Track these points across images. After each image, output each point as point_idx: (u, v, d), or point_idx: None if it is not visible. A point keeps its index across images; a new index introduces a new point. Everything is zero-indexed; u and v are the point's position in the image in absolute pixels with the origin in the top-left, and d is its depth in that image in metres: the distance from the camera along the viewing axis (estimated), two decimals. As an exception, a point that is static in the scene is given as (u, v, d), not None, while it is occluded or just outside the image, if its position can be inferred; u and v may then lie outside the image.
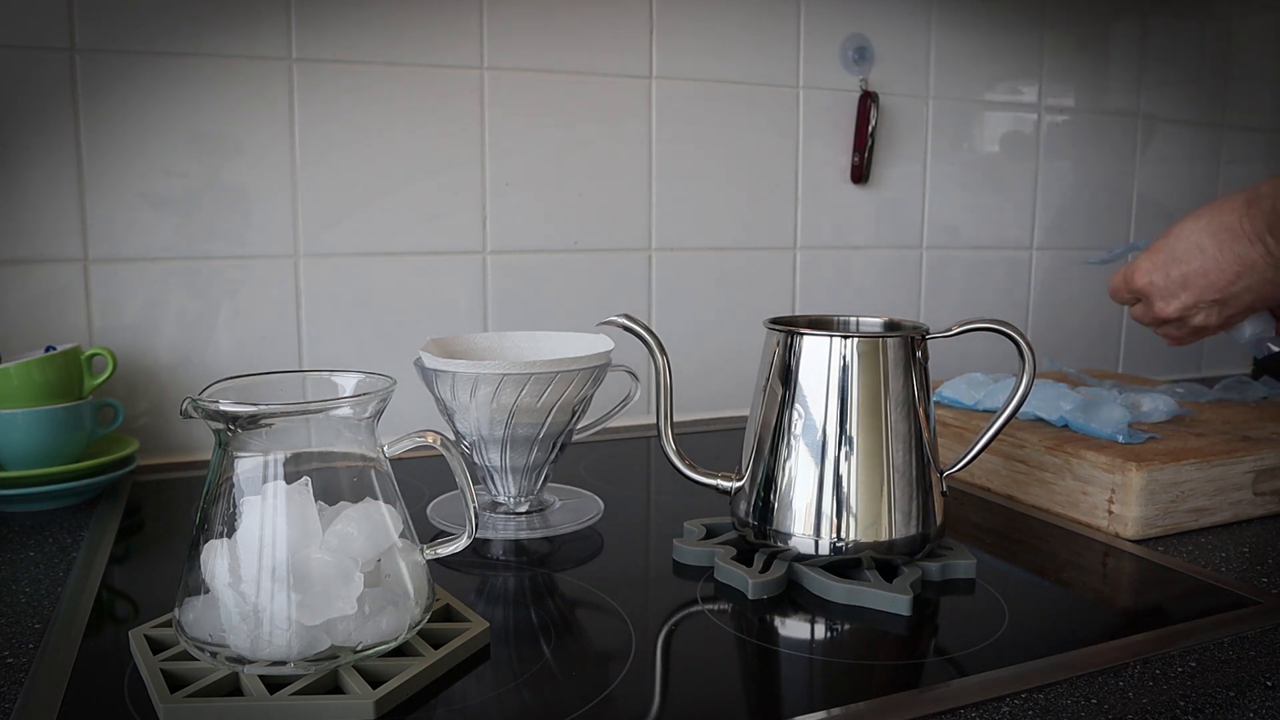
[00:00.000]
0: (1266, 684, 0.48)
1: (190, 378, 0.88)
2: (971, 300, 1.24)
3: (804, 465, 0.59)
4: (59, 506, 0.74)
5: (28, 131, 0.81)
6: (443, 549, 0.53)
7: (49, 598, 0.57)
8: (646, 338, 0.63)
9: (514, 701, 0.45)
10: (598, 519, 0.71)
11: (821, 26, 1.10)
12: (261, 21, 0.87)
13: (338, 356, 0.93)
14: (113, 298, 0.86)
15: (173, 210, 0.87)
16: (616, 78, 1.01)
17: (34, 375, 0.74)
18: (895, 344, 0.59)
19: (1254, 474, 0.72)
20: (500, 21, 0.95)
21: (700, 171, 1.06)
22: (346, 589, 0.45)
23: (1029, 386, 0.61)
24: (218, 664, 0.45)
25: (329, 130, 0.91)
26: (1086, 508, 0.72)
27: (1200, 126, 1.39)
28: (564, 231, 1.01)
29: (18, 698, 0.45)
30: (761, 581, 0.57)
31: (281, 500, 0.45)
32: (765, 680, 0.49)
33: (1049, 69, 1.25)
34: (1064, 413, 0.78)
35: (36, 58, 0.81)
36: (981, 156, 1.23)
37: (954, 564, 0.61)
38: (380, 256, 0.94)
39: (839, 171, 1.14)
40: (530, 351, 0.74)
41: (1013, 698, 0.45)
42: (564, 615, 0.56)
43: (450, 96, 0.94)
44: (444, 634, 0.49)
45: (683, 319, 1.08)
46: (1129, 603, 0.61)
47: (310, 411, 0.47)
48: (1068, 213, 1.30)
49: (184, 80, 0.85)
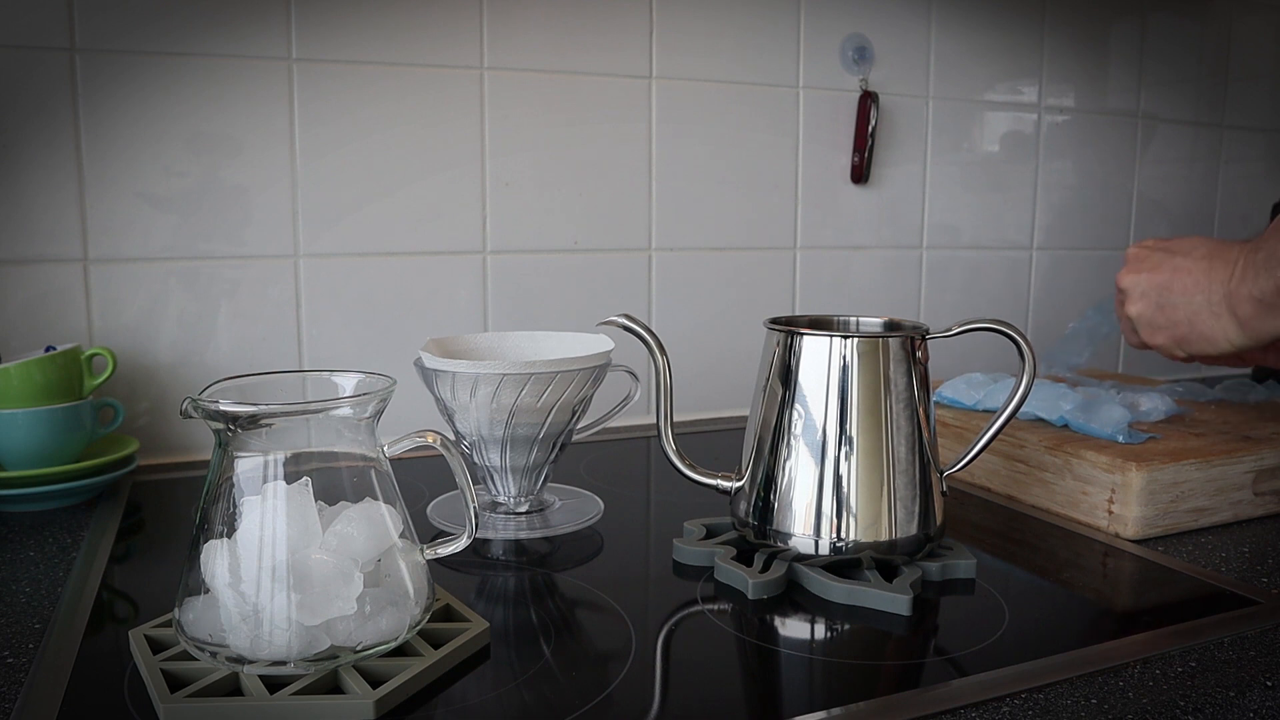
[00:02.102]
0: (1266, 684, 0.48)
1: (190, 378, 0.88)
2: (971, 300, 1.24)
3: (804, 465, 0.59)
4: (59, 506, 0.74)
5: (28, 131, 0.81)
6: (443, 549, 0.53)
7: (49, 598, 0.57)
8: (646, 338, 0.63)
9: (514, 701, 0.45)
10: (598, 519, 0.71)
11: (821, 26, 1.10)
12: (261, 21, 0.87)
13: (338, 356, 0.93)
14: (113, 298, 0.86)
15: (172, 210, 0.87)
16: (616, 78, 1.01)
17: (34, 375, 0.74)
18: (895, 344, 0.59)
19: (1254, 474, 0.72)
20: (500, 21, 0.95)
21: (700, 171, 1.06)
22: (346, 589, 0.45)
23: (1029, 386, 0.61)
24: (218, 664, 0.45)
25: (329, 130, 0.91)
26: (1086, 508, 0.72)
27: (1200, 126, 1.39)
28: (564, 231, 1.01)
29: (18, 698, 0.45)
30: (761, 581, 0.57)
31: (281, 500, 0.45)
32: (765, 680, 0.49)
33: (1049, 69, 1.25)
34: (1064, 413, 0.78)
35: (36, 58, 0.81)
36: (981, 156, 1.23)
37: (954, 564, 0.61)
38: (380, 256, 0.94)
39: (839, 171, 1.14)
40: (530, 352, 0.74)
41: (1013, 698, 0.45)
42: (564, 615, 0.56)
43: (450, 96, 0.94)
44: (444, 634, 0.49)
45: (683, 319, 1.08)
46: (1129, 603, 0.61)
47: (310, 411, 0.47)
48: (1068, 213, 1.30)
49: (184, 80, 0.85)
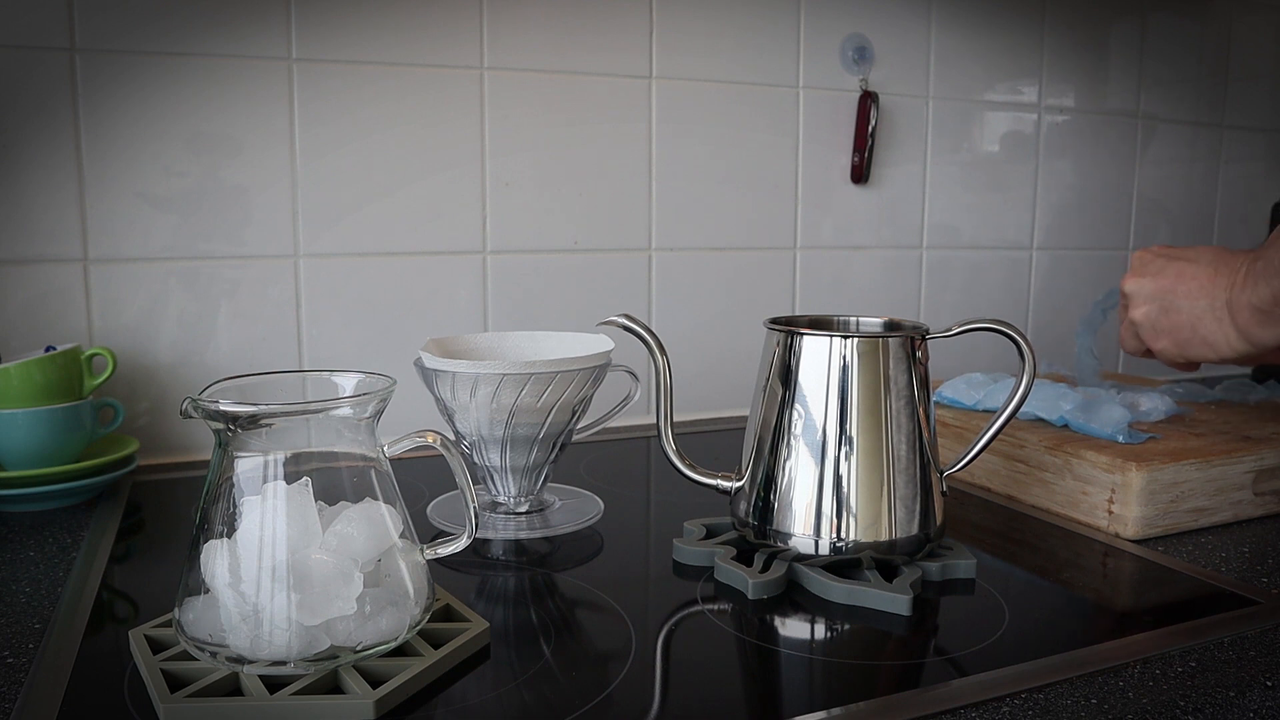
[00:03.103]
0: (1266, 684, 0.48)
1: (190, 378, 0.88)
2: (971, 300, 1.24)
3: (804, 465, 0.59)
4: (59, 506, 0.74)
5: (28, 131, 0.81)
6: (443, 549, 0.53)
7: (49, 598, 0.57)
8: (646, 338, 0.63)
9: (514, 701, 0.45)
10: (598, 519, 0.71)
11: (821, 26, 1.10)
12: (261, 21, 0.87)
13: (338, 356, 0.93)
14: (113, 298, 0.86)
15: (172, 210, 0.87)
16: (616, 78, 1.01)
17: (34, 375, 0.74)
18: (895, 344, 0.59)
19: (1254, 474, 0.72)
20: (500, 21, 0.95)
21: (700, 171, 1.06)
22: (346, 589, 0.45)
23: (1029, 386, 0.61)
24: (218, 664, 0.45)
25: (329, 130, 0.91)
26: (1086, 508, 0.72)
27: (1200, 126, 1.39)
28: (564, 231, 1.01)
29: (18, 698, 0.45)
30: (761, 581, 0.57)
31: (281, 500, 0.45)
32: (765, 680, 0.49)
33: (1049, 69, 1.25)
34: (1064, 413, 0.78)
35: (36, 58, 0.81)
36: (981, 156, 1.23)
37: (954, 564, 0.61)
38: (380, 256, 0.94)
39: (839, 171, 1.14)
40: (530, 352, 0.74)
41: (1013, 698, 0.45)
42: (564, 615, 0.56)
43: (450, 96, 0.94)
44: (444, 634, 0.49)
45: (683, 319, 1.08)
46: (1129, 603, 0.61)
47: (310, 411, 0.47)
48: (1068, 213, 1.30)
49: (184, 80, 0.85)
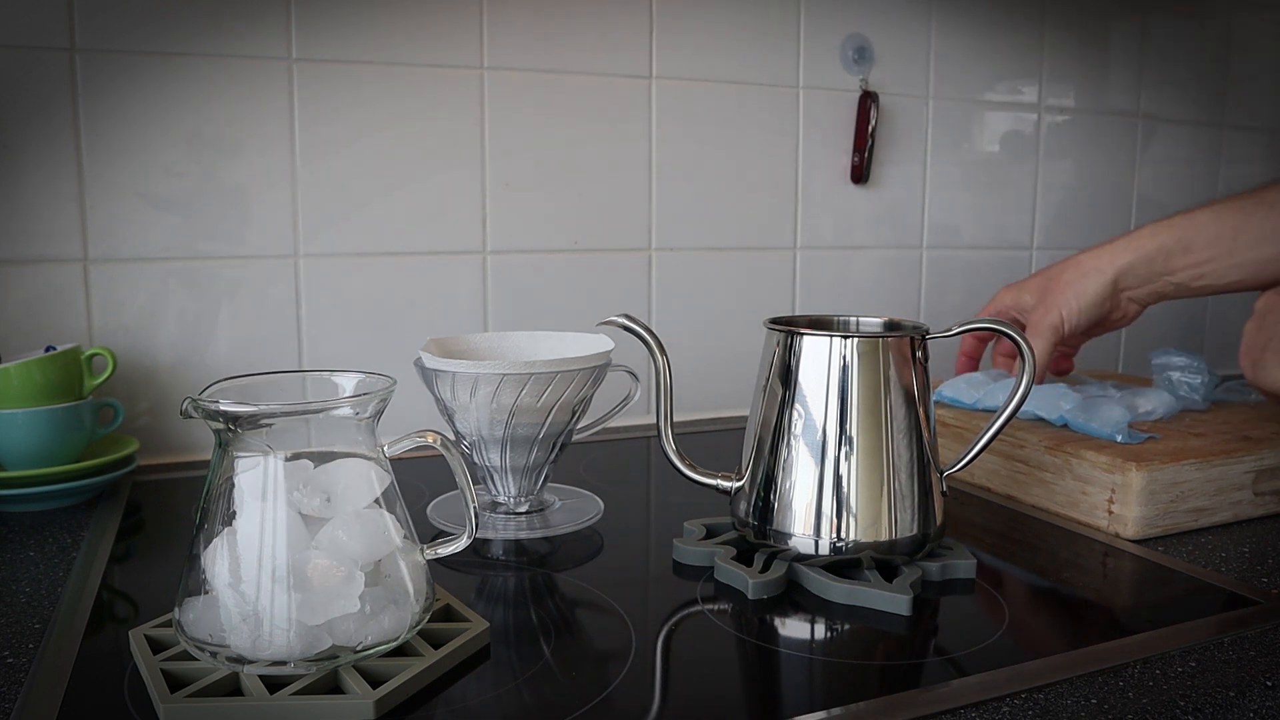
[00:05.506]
0: (1266, 684, 0.48)
1: (190, 378, 0.88)
2: (971, 300, 1.24)
3: (804, 465, 0.59)
4: (59, 506, 0.74)
5: (28, 131, 0.81)
6: (443, 549, 0.53)
7: (49, 598, 0.57)
8: (646, 338, 0.63)
9: (514, 701, 0.45)
10: (598, 519, 0.71)
11: (821, 26, 1.10)
12: (261, 21, 0.87)
13: (338, 356, 0.93)
14: (113, 298, 0.86)
15: (172, 210, 0.87)
16: (616, 78, 1.01)
17: (34, 375, 0.74)
18: (895, 344, 0.59)
19: (1254, 474, 0.72)
20: (500, 21, 0.95)
21: (700, 171, 1.06)
22: (348, 587, 0.45)
23: (1029, 386, 0.61)
24: (218, 664, 0.44)
25: (329, 130, 0.91)
26: (1086, 508, 0.72)
27: (1200, 126, 1.39)
28: (564, 231, 1.01)
29: (18, 698, 0.45)
30: (761, 581, 0.57)
31: (282, 500, 0.45)
32: (765, 680, 0.49)
33: (1049, 69, 1.25)
34: (1064, 412, 0.78)
35: (36, 58, 0.81)
36: (981, 156, 1.23)
37: (954, 564, 0.61)
38: (380, 256, 0.94)
39: (839, 171, 1.14)
40: (530, 352, 0.74)
41: (1013, 698, 0.45)
42: (564, 615, 0.56)
43: (450, 96, 0.94)
44: (444, 634, 0.49)
45: (683, 319, 1.08)
46: (1129, 603, 0.61)
47: (310, 411, 0.47)
48: (1068, 213, 1.30)
49: (184, 80, 0.85)
